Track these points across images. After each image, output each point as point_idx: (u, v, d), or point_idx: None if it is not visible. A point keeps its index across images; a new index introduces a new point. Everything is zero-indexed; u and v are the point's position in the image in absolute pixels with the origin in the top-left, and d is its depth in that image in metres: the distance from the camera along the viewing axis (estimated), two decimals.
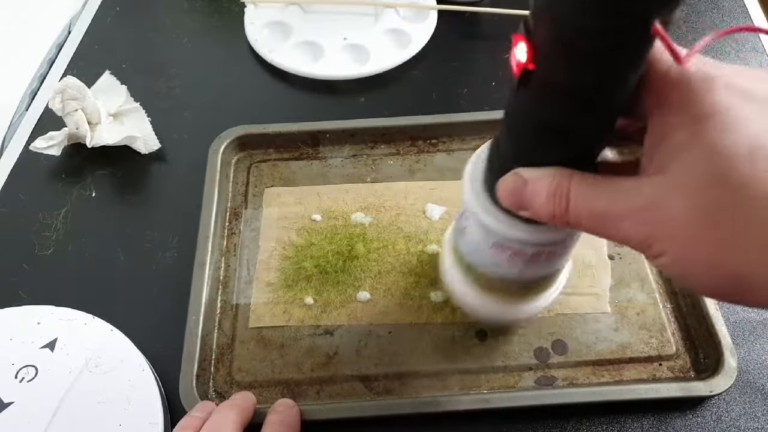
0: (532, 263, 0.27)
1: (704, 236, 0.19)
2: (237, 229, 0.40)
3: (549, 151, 0.22)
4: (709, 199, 0.18)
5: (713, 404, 0.33)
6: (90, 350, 0.33)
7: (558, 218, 0.22)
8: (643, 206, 0.20)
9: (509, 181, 0.23)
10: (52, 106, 0.42)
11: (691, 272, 0.20)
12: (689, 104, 0.19)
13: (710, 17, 0.53)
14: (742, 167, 0.18)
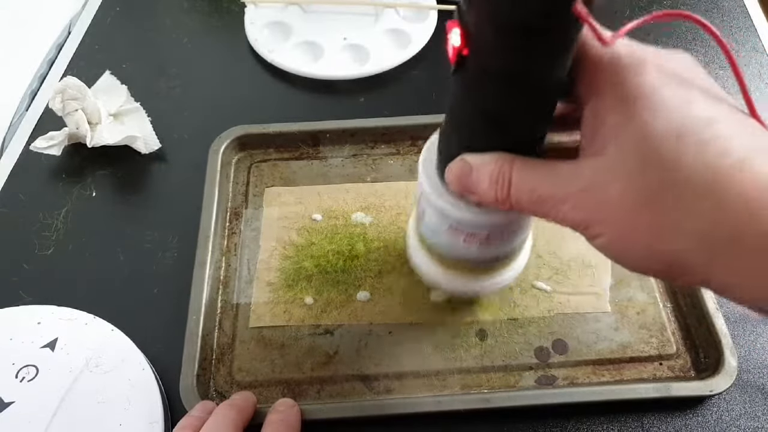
0: (488, 244, 0.28)
1: (639, 219, 0.19)
2: (237, 229, 0.40)
3: (490, 136, 0.23)
4: (641, 182, 0.19)
5: (713, 404, 0.33)
6: (90, 350, 0.33)
7: (501, 202, 0.23)
8: (580, 189, 0.20)
9: (456, 167, 0.24)
10: (53, 106, 0.42)
11: (627, 253, 0.21)
12: (621, 86, 0.20)
13: (710, 17, 0.53)
14: (671, 151, 0.18)
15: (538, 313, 0.36)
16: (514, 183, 0.22)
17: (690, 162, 0.18)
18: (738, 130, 0.19)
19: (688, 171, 0.18)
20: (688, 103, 0.19)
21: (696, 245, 0.18)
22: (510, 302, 0.36)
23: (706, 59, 0.50)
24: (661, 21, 0.20)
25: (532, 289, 0.37)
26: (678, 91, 0.19)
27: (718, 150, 0.18)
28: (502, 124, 0.22)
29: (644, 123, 0.19)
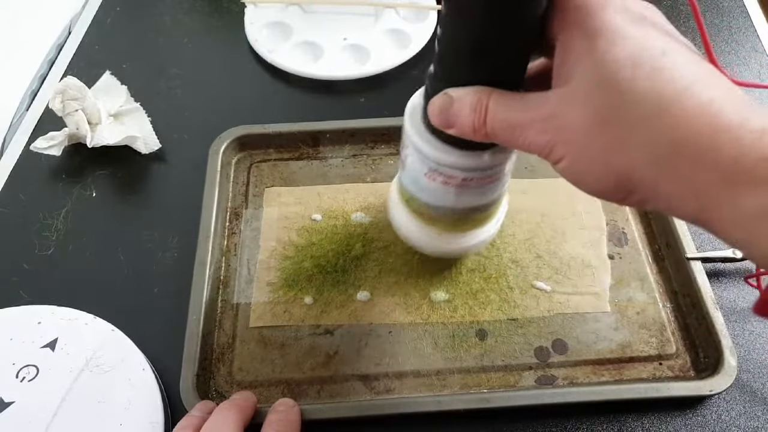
0: (465, 190, 0.29)
1: (595, 139, 0.21)
2: (237, 229, 0.40)
3: (471, 70, 0.24)
4: (597, 104, 0.21)
5: (713, 403, 0.33)
6: (90, 350, 0.33)
7: (477, 130, 0.24)
8: (546, 115, 0.22)
9: (438, 100, 0.25)
10: (53, 107, 0.42)
11: (585, 173, 0.22)
12: (586, 22, 0.21)
13: (710, 17, 0.54)
14: (625, 76, 0.20)
15: (537, 313, 0.36)
16: (489, 111, 0.24)
17: (642, 86, 0.20)
18: (688, 63, 0.20)
19: (639, 94, 0.20)
20: (645, 36, 0.21)
21: (645, 159, 0.20)
22: (510, 302, 0.37)
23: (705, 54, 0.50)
24: None
25: (531, 289, 0.37)
26: (637, 27, 0.21)
27: (668, 77, 0.20)
28: (482, 56, 0.24)
29: (603, 52, 0.20)
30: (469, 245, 0.34)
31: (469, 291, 0.37)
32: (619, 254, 0.39)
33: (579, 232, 0.39)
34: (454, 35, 0.24)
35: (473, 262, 0.38)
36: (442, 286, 0.37)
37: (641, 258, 0.38)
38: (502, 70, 0.24)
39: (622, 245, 0.39)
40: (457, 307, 0.36)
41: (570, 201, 0.41)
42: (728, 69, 0.50)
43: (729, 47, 0.51)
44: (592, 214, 0.40)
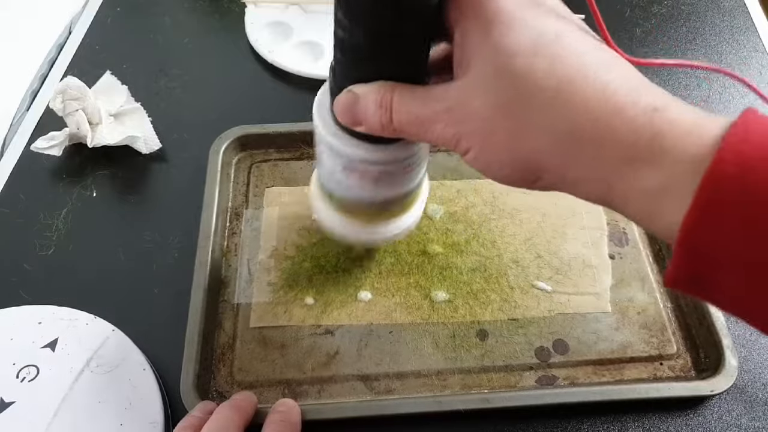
0: (382, 182, 0.29)
1: (499, 127, 0.21)
2: (238, 229, 0.40)
3: (375, 66, 0.24)
4: (498, 92, 0.21)
5: (714, 403, 0.33)
6: (91, 350, 0.33)
7: (385, 127, 0.24)
8: (450, 107, 0.22)
9: (343, 98, 0.25)
10: (53, 107, 0.42)
11: (492, 162, 0.23)
12: (480, 10, 0.21)
13: (710, 17, 0.53)
14: (523, 62, 0.20)
15: (538, 313, 0.36)
16: (395, 107, 0.23)
17: (539, 72, 0.20)
18: (582, 45, 0.21)
19: (537, 80, 0.20)
20: (539, 21, 0.21)
21: (549, 145, 0.21)
22: (511, 302, 0.36)
23: (707, 58, 0.50)
24: None
25: (532, 289, 0.37)
26: (530, 11, 0.21)
27: (564, 61, 0.20)
28: (384, 50, 0.23)
29: (499, 40, 0.21)
30: (394, 233, 0.33)
31: (470, 291, 0.37)
32: (620, 254, 0.38)
33: (580, 232, 0.39)
34: (350, 32, 0.23)
35: (474, 261, 0.38)
36: (443, 286, 0.37)
37: (642, 258, 0.38)
38: (404, 63, 0.24)
39: (622, 245, 0.39)
40: (457, 307, 0.36)
41: (571, 201, 0.41)
42: (729, 68, 0.50)
43: (730, 47, 0.51)
44: (592, 213, 0.40)
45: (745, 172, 0.17)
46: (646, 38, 0.52)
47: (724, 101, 0.47)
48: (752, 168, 0.17)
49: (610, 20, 0.53)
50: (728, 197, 0.18)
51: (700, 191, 0.18)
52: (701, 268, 0.19)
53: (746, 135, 0.18)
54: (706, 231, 0.18)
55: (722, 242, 0.18)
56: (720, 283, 0.19)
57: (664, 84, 0.48)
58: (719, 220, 0.18)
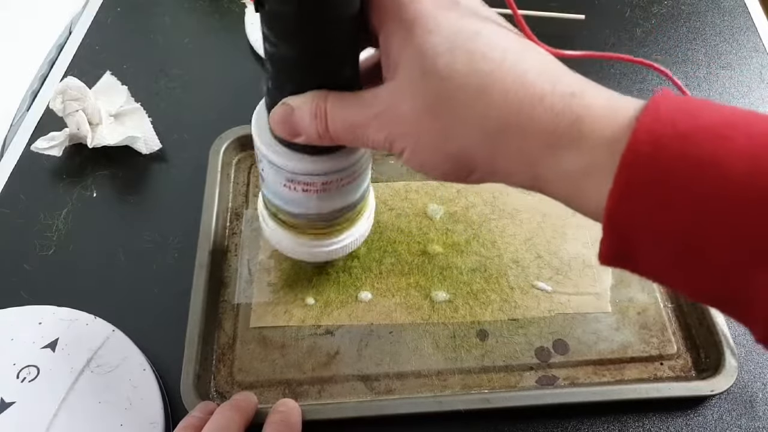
0: (325, 194, 0.29)
1: (429, 128, 0.22)
2: (238, 229, 0.40)
3: (303, 76, 0.24)
4: (424, 93, 0.22)
5: (714, 404, 0.33)
6: (91, 350, 0.33)
7: (322, 136, 0.25)
8: (380, 111, 0.23)
9: (278, 111, 0.25)
10: (53, 107, 0.42)
11: (425, 161, 0.23)
12: (400, 14, 0.22)
13: (711, 17, 0.53)
14: (443, 61, 0.21)
15: (538, 313, 0.36)
16: (329, 115, 0.24)
17: (461, 70, 0.21)
18: (500, 39, 0.22)
19: (460, 78, 0.21)
20: (458, 20, 0.22)
21: (476, 140, 0.21)
22: (511, 302, 0.36)
23: (707, 58, 0.50)
24: None
25: (532, 290, 0.37)
26: (449, 12, 0.22)
27: (483, 56, 0.21)
28: (311, 60, 0.24)
29: (421, 42, 0.21)
30: (344, 244, 0.34)
31: (470, 291, 0.37)
32: None
33: (580, 231, 0.39)
34: (278, 46, 0.23)
35: (474, 261, 0.38)
36: (443, 287, 0.37)
37: None
38: (333, 72, 0.24)
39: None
40: (457, 308, 0.36)
41: None
42: (729, 68, 0.50)
43: (730, 47, 0.51)
44: None
45: (658, 150, 0.18)
46: (646, 38, 0.52)
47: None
48: (664, 146, 0.18)
49: (611, 20, 0.54)
50: (644, 176, 0.18)
51: (619, 172, 0.19)
52: (627, 245, 0.20)
53: (658, 114, 0.19)
54: (627, 210, 0.19)
55: (643, 219, 0.19)
56: (645, 257, 0.20)
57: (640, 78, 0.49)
58: (638, 198, 0.19)
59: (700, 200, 0.18)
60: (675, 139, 0.18)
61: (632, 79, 0.49)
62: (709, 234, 0.18)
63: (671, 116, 0.19)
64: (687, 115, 0.18)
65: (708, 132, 0.18)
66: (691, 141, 0.18)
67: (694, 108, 0.19)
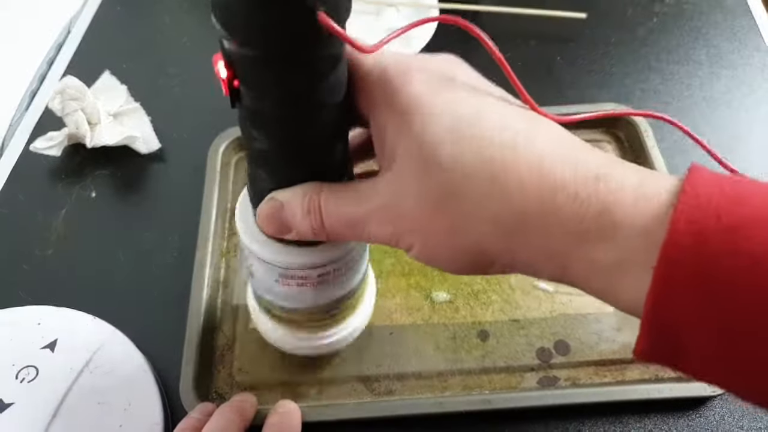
0: (322, 286, 0.27)
1: (437, 225, 0.20)
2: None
3: (290, 168, 0.22)
4: (428, 188, 0.20)
5: (716, 404, 0.33)
6: (90, 351, 0.33)
7: (317, 233, 0.23)
8: (380, 206, 0.21)
9: (266, 208, 0.23)
10: (52, 107, 0.42)
11: (437, 257, 0.21)
12: (392, 99, 0.20)
13: (713, 16, 0.53)
14: (447, 152, 0.19)
15: (539, 313, 0.36)
16: (324, 211, 0.22)
17: (467, 160, 0.19)
18: (506, 119, 0.20)
19: (468, 169, 0.19)
20: (455, 103, 0.20)
21: (492, 235, 0.19)
22: (512, 303, 0.36)
23: (709, 58, 0.50)
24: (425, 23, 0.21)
25: (533, 290, 0.37)
26: (444, 94, 0.20)
27: (490, 142, 0.19)
28: (297, 152, 0.22)
29: (419, 133, 0.19)
30: (349, 331, 0.32)
31: (471, 292, 0.37)
32: None
33: None
34: (258, 139, 0.22)
35: None
36: (444, 287, 0.37)
37: None
38: (321, 162, 0.23)
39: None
40: (458, 308, 0.36)
41: None
42: (731, 68, 0.49)
43: (732, 46, 0.51)
44: None
45: (702, 245, 0.17)
46: (648, 37, 0.52)
47: (726, 101, 0.47)
48: (708, 239, 0.16)
49: (612, 19, 0.53)
50: (689, 272, 0.17)
51: (658, 267, 0.17)
52: (670, 345, 0.18)
53: (697, 201, 0.17)
54: (670, 308, 0.17)
55: (689, 319, 0.17)
56: (687, 354, 0.18)
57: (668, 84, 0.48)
58: (683, 296, 0.17)
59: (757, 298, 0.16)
60: (721, 233, 0.16)
61: (635, 79, 0.49)
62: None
63: (712, 203, 0.17)
64: (730, 202, 0.17)
65: (758, 223, 0.16)
66: (740, 235, 0.16)
67: (735, 192, 0.17)
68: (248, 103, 0.21)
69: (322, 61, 0.19)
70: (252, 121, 0.22)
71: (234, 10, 0.18)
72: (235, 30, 0.18)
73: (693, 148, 0.44)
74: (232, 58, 0.19)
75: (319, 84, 0.20)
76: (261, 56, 0.19)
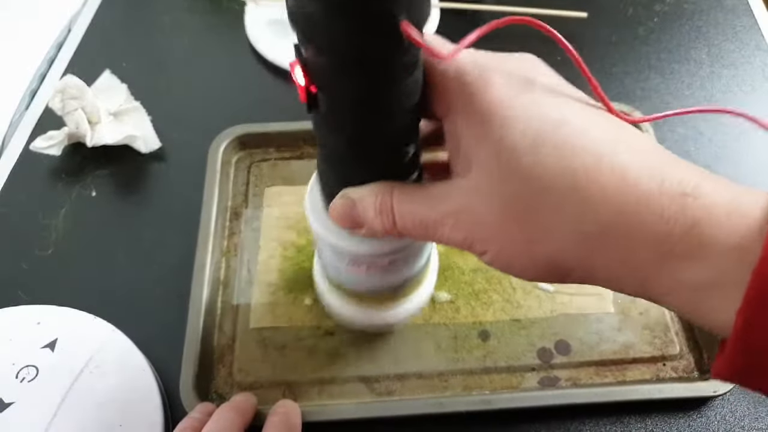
0: (390, 270, 0.27)
1: (514, 233, 0.20)
2: (237, 229, 0.40)
3: (363, 168, 0.23)
4: (506, 197, 0.19)
5: (717, 404, 0.33)
6: (90, 350, 0.33)
7: (389, 231, 0.23)
8: (455, 211, 0.21)
9: (339, 205, 0.23)
10: (52, 106, 0.42)
11: (512, 265, 0.21)
12: (471, 102, 0.20)
13: (713, 15, 0.53)
14: (528, 161, 0.18)
15: (540, 313, 0.36)
16: (396, 212, 0.22)
17: (549, 168, 0.18)
18: (588, 126, 0.19)
19: (548, 178, 0.18)
20: (537, 107, 0.19)
21: (570, 246, 0.19)
22: (513, 303, 0.36)
23: (710, 57, 0.50)
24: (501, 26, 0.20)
25: (534, 290, 0.37)
26: (525, 97, 0.19)
27: (573, 151, 0.18)
28: (370, 153, 0.22)
29: (499, 138, 0.19)
30: (410, 307, 0.33)
31: (472, 291, 0.37)
32: None
33: None
34: (333, 137, 0.22)
35: (476, 261, 0.38)
36: (445, 287, 0.37)
37: None
38: (393, 163, 0.23)
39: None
40: (459, 308, 0.36)
41: None
42: (732, 67, 0.49)
43: (733, 45, 0.51)
44: None
45: None
46: (648, 37, 0.52)
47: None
48: None
49: (613, 18, 0.53)
50: None
51: (751, 286, 0.16)
52: (756, 364, 0.18)
53: None
54: (760, 327, 0.17)
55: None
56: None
57: None
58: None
59: None
60: None
61: (635, 78, 0.49)
62: None
63: None
64: None
65: None
66: None
67: None
68: (325, 109, 0.21)
69: (400, 66, 0.19)
70: (327, 125, 0.22)
71: (315, 19, 0.17)
72: (315, 38, 0.18)
73: (695, 150, 0.44)
74: (311, 65, 0.19)
75: (396, 88, 0.20)
76: (341, 64, 0.19)
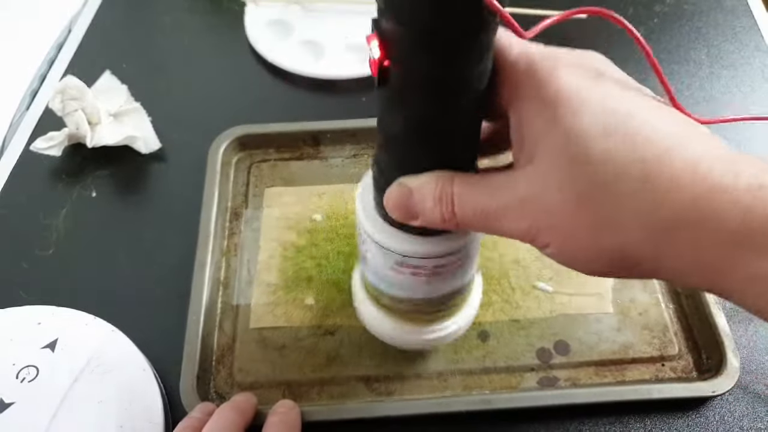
0: (435, 277, 0.27)
1: (579, 222, 0.19)
2: (237, 230, 0.40)
3: (425, 153, 0.22)
4: (574, 184, 0.19)
5: (716, 404, 0.33)
6: (91, 350, 0.33)
7: (448, 222, 0.22)
8: (519, 200, 0.20)
9: (395, 193, 0.23)
10: (53, 106, 0.42)
11: (577, 257, 0.20)
12: (540, 91, 0.19)
13: (713, 16, 0.53)
14: (598, 147, 0.18)
15: (539, 314, 0.36)
16: (457, 200, 0.22)
17: (619, 157, 0.18)
18: (659, 118, 0.19)
19: (619, 166, 0.18)
20: (607, 98, 0.19)
21: (639, 236, 0.18)
22: (512, 303, 0.36)
23: (710, 58, 0.50)
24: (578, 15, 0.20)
25: (533, 290, 0.37)
26: (595, 88, 0.19)
27: (645, 140, 0.18)
28: (433, 137, 0.22)
29: (568, 126, 0.19)
30: (446, 333, 0.31)
31: None
32: None
33: None
34: (399, 117, 0.21)
35: None
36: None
37: None
38: (455, 150, 0.22)
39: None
40: None
41: None
42: (732, 68, 0.49)
43: (732, 46, 0.51)
44: None
45: None
46: (648, 37, 0.52)
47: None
48: None
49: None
50: None
51: None
52: None
53: None
54: None
55: None
56: None
57: None
58: None
59: None
60: None
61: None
62: None
63: None
64: None
65: None
66: None
67: None
68: (394, 85, 0.20)
69: (477, 45, 0.19)
70: (392, 104, 0.21)
71: None
72: (399, 6, 0.18)
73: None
74: (388, 36, 0.19)
75: (468, 69, 0.20)
76: (419, 35, 0.19)
